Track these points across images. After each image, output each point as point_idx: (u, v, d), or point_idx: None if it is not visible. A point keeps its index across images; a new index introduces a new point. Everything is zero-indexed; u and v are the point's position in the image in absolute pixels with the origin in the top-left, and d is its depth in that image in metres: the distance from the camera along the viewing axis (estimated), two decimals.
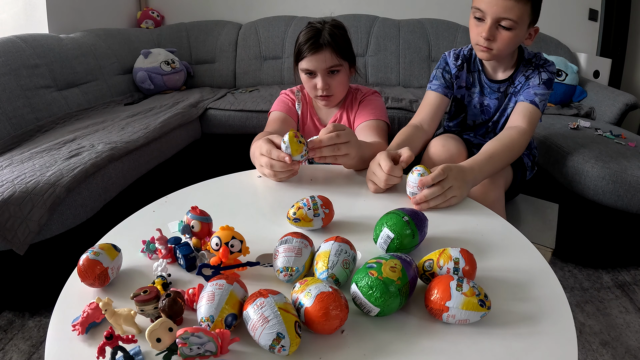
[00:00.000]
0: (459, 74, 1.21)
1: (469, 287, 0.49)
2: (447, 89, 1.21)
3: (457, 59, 1.21)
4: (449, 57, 1.23)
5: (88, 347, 0.48)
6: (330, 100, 1.20)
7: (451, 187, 0.78)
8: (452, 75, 1.21)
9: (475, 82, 1.21)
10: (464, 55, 1.21)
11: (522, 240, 0.68)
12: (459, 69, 1.20)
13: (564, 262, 1.72)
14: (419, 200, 0.77)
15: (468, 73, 1.21)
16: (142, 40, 2.70)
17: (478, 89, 1.21)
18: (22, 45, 1.93)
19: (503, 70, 1.17)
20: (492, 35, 1.04)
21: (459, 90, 1.23)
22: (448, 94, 1.21)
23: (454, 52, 1.23)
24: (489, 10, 1.02)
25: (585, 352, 1.30)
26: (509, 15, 1.00)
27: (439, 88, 1.20)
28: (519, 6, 0.99)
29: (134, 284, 0.58)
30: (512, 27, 1.02)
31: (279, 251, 0.57)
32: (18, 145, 1.71)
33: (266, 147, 0.85)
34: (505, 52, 1.08)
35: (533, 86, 1.11)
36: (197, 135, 2.26)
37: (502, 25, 1.02)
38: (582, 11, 2.66)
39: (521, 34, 1.04)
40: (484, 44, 1.06)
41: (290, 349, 0.44)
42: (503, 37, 1.04)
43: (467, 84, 1.22)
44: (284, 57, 2.72)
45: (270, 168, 0.85)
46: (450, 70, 1.21)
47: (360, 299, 0.49)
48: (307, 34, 1.14)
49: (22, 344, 1.30)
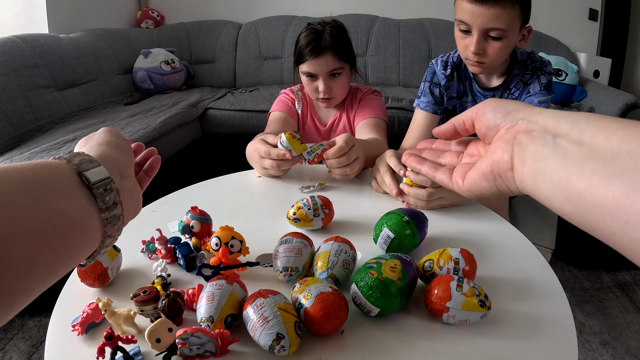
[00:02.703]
0: (449, 84, 1.11)
1: (469, 288, 0.48)
2: (437, 106, 1.12)
3: (446, 67, 1.11)
4: (436, 65, 1.13)
5: (88, 348, 0.48)
6: (332, 102, 1.20)
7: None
8: (441, 87, 1.11)
9: (467, 90, 1.12)
10: (453, 62, 1.11)
11: (523, 240, 0.68)
12: (449, 79, 1.10)
13: (564, 262, 1.72)
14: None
15: (459, 82, 1.12)
16: (142, 40, 2.70)
17: (470, 97, 1.12)
18: (22, 45, 1.93)
19: (497, 76, 1.08)
20: (481, 49, 0.94)
21: (450, 101, 1.13)
22: (438, 111, 1.13)
23: (441, 59, 1.12)
24: (474, 22, 0.92)
25: (585, 352, 1.30)
26: (497, 25, 0.90)
27: (427, 106, 1.13)
28: (506, 12, 0.89)
29: (133, 284, 0.58)
30: (503, 36, 0.92)
31: (279, 251, 0.57)
32: (18, 145, 1.71)
33: (264, 148, 0.85)
34: (499, 62, 1.00)
35: (535, 94, 1.02)
36: (197, 135, 2.26)
37: (491, 35, 0.93)
38: (582, 11, 2.65)
39: (513, 39, 0.95)
40: (474, 58, 0.96)
41: (290, 349, 0.44)
42: (494, 49, 0.94)
43: (458, 94, 1.13)
44: (284, 57, 2.72)
45: (277, 167, 0.85)
46: (439, 82, 1.11)
47: (360, 299, 0.49)
48: (308, 37, 1.14)
49: (22, 344, 1.30)
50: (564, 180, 0.27)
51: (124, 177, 0.38)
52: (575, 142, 0.28)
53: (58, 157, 0.32)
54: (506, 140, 0.33)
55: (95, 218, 0.31)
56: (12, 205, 0.25)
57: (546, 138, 0.30)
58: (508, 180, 0.33)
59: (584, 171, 0.26)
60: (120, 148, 0.40)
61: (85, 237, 0.30)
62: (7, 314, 0.24)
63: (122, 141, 0.41)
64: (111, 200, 0.32)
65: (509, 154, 0.32)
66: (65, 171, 0.31)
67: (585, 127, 0.28)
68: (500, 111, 0.35)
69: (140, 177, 0.47)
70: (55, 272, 0.28)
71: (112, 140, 0.40)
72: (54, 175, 0.29)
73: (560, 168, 0.28)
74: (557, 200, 0.28)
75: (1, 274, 0.23)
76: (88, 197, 0.31)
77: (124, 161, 0.39)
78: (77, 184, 0.31)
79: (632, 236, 0.23)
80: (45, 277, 0.27)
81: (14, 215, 0.24)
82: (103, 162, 0.34)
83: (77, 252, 0.30)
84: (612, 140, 0.26)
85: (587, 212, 0.26)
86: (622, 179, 0.24)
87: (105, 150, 0.38)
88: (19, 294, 0.25)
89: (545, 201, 0.30)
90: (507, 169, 0.33)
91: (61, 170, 0.30)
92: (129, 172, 0.39)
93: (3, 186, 0.25)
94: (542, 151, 0.30)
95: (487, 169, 0.34)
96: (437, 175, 0.41)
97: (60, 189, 0.29)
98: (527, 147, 0.31)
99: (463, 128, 0.40)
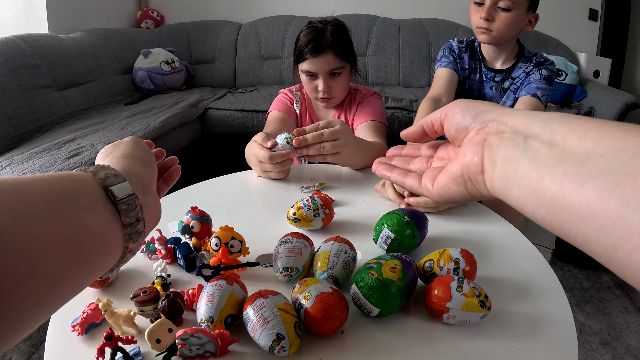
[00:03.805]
0: (462, 56, 1.26)
1: (469, 288, 0.48)
2: (457, 67, 1.26)
3: (462, 42, 1.27)
4: (453, 42, 1.29)
5: (87, 348, 0.48)
6: (331, 102, 1.20)
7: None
8: (456, 55, 1.26)
9: (476, 69, 1.26)
10: (467, 41, 1.27)
11: (523, 240, 0.68)
12: (462, 51, 1.26)
13: (564, 262, 1.72)
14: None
15: (470, 59, 1.26)
16: (142, 40, 2.70)
17: (478, 76, 1.26)
18: (22, 45, 1.93)
19: (502, 61, 1.22)
20: (490, 16, 1.10)
21: (462, 72, 1.27)
22: (458, 72, 1.26)
23: (457, 39, 1.29)
24: None
25: (585, 352, 1.29)
26: None
27: (449, 64, 1.25)
28: None
29: (133, 284, 0.58)
30: (510, 8, 1.08)
31: (279, 251, 0.57)
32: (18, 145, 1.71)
33: (262, 153, 0.84)
34: (505, 35, 1.13)
35: (534, 81, 1.15)
36: (197, 135, 2.26)
37: (500, 7, 1.09)
38: (582, 11, 2.65)
39: (520, 16, 1.10)
40: (484, 24, 1.11)
41: (290, 349, 0.44)
42: (502, 18, 1.09)
43: (469, 68, 1.27)
44: (284, 57, 2.72)
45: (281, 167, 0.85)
46: (454, 51, 1.27)
47: (361, 300, 0.49)
48: (309, 35, 1.13)
49: (22, 344, 1.30)
50: (535, 184, 0.26)
51: (147, 193, 0.37)
52: (546, 144, 0.27)
53: (83, 169, 0.32)
54: (476, 142, 0.32)
55: (118, 233, 0.31)
56: (41, 219, 0.25)
57: (517, 139, 0.29)
58: (479, 183, 0.32)
59: (556, 174, 0.25)
60: (144, 163, 0.40)
61: (107, 252, 0.30)
62: (31, 327, 0.24)
63: (146, 155, 0.41)
64: (134, 217, 0.32)
65: (479, 156, 0.31)
66: (90, 185, 0.31)
67: (557, 128, 0.27)
68: (469, 112, 0.33)
69: (159, 184, 0.47)
70: (78, 286, 0.28)
71: (137, 154, 0.40)
72: (80, 189, 0.29)
73: (532, 171, 0.27)
74: (528, 205, 0.27)
75: (30, 287, 0.23)
76: (113, 213, 0.31)
77: (147, 176, 0.39)
78: (102, 199, 0.31)
79: (607, 242, 0.22)
80: (68, 291, 0.27)
81: (42, 229, 0.24)
82: (128, 177, 0.34)
83: (100, 266, 0.30)
84: (586, 141, 0.24)
85: (559, 217, 0.25)
86: (596, 182, 0.23)
87: (130, 165, 0.37)
88: (45, 308, 0.25)
89: (516, 205, 0.29)
90: (477, 172, 0.31)
91: (87, 184, 0.30)
92: (151, 187, 0.39)
93: (31, 199, 0.25)
94: (512, 153, 0.28)
95: (457, 172, 0.33)
96: (406, 181, 0.39)
97: (86, 203, 0.29)
98: (498, 150, 0.30)
99: (432, 130, 0.38)
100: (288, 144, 0.83)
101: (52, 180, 0.28)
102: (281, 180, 0.90)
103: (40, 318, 0.25)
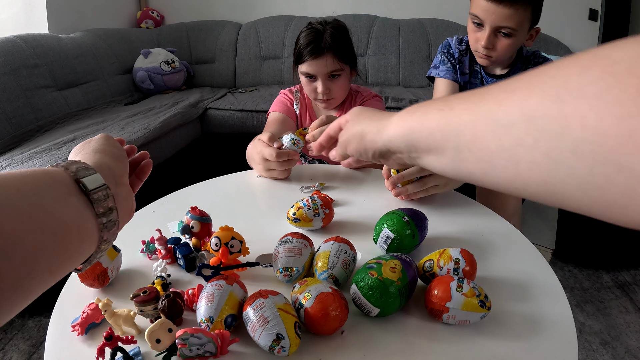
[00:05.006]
0: (462, 59, 1.18)
1: (469, 288, 0.48)
2: (455, 74, 1.18)
3: (461, 43, 1.18)
4: (451, 41, 1.20)
5: (87, 348, 0.48)
6: (330, 103, 1.20)
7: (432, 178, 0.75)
8: (455, 59, 1.18)
9: (476, 73, 1.20)
10: (467, 42, 1.18)
11: (523, 240, 0.68)
12: (462, 55, 1.18)
13: (564, 262, 1.72)
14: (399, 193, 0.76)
15: (471, 61, 1.19)
16: (142, 40, 2.70)
17: (479, 80, 1.20)
18: (22, 45, 1.93)
19: (501, 68, 1.18)
20: (491, 44, 1.01)
21: (463, 76, 1.20)
22: (457, 80, 1.18)
23: (457, 37, 1.20)
24: (487, 18, 0.98)
25: (585, 352, 1.30)
26: (508, 24, 0.96)
27: (447, 74, 1.17)
28: (519, 13, 0.95)
29: (133, 284, 0.58)
30: (512, 34, 0.99)
31: (279, 251, 0.57)
32: (18, 145, 1.71)
33: (268, 151, 0.84)
34: (506, 57, 1.07)
35: None
36: (197, 135, 2.26)
37: (501, 32, 0.99)
38: (582, 11, 2.65)
39: (521, 38, 1.02)
40: (483, 52, 1.03)
41: (290, 349, 0.44)
42: (502, 45, 1.01)
43: (470, 72, 1.20)
44: (284, 57, 2.72)
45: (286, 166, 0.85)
46: (453, 54, 1.18)
47: (360, 300, 0.49)
48: (308, 37, 1.13)
49: (22, 344, 1.30)
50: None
51: (119, 184, 0.39)
52: None
53: (55, 165, 0.34)
54: None
55: (91, 223, 0.33)
56: (13, 207, 0.26)
57: None
58: None
59: None
60: (115, 157, 0.42)
61: (82, 240, 0.32)
62: (9, 312, 0.26)
63: (117, 150, 0.43)
64: (107, 206, 0.34)
65: None
66: (62, 178, 0.32)
67: None
68: None
69: (132, 180, 0.49)
70: (54, 272, 0.29)
71: (108, 149, 0.42)
72: (52, 181, 0.31)
73: None
74: None
75: (4, 269, 0.24)
76: (85, 203, 0.33)
77: (119, 170, 0.41)
78: (74, 190, 0.32)
79: None
80: (45, 276, 0.28)
81: (14, 216, 0.26)
82: (99, 170, 0.36)
83: (75, 254, 0.31)
84: None
85: None
86: None
87: (101, 159, 0.39)
88: (21, 291, 0.26)
89: None
90: None
91: (59, 177, 0.32)
92: (123, 180, 0.41)
93: (3, 190, 0.26)
94: None
95: None
96: None
97: (59, 195, 0.30)
98: None
99: (338, 134, 0.50)
100: (294, 144, 0.83)
101: (26, 175, 0.29)
102: (281, 180, 0.90)
103: (19, 301, 0.26)
